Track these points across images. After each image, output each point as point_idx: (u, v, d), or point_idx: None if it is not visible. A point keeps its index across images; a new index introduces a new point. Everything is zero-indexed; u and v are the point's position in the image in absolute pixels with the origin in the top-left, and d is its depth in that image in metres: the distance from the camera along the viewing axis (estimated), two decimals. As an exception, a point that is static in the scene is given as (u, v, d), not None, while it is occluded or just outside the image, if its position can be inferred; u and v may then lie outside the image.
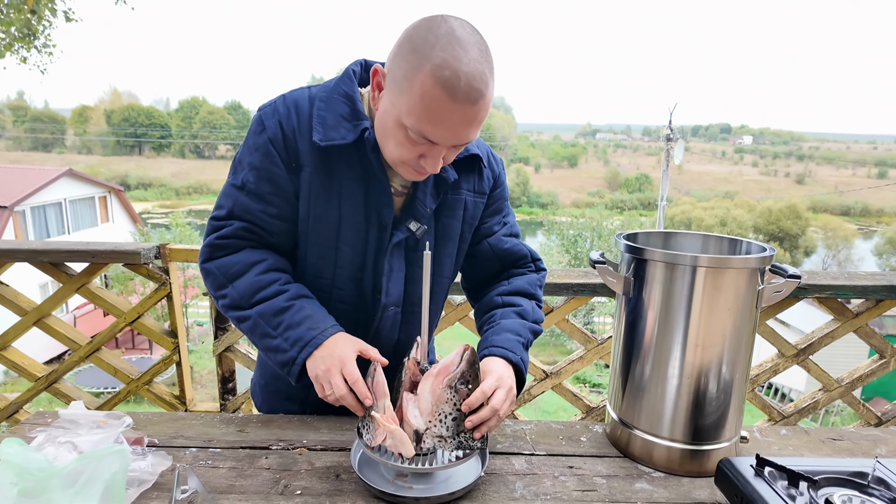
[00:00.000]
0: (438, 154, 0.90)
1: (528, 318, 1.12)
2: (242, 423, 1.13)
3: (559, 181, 71.95)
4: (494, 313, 1.12)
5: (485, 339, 1.08)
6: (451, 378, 0.89)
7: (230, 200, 1.00)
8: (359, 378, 0.92)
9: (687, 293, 0.95)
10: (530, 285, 1.17)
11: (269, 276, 1.00)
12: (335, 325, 1.00)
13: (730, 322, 0.95)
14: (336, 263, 1.03)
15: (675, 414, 0.99)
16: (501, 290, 1.16)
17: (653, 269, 0.98)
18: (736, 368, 0.98)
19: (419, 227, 1.02)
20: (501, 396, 0.93)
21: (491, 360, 1.01)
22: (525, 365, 1.05)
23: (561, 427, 1.14)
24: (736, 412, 1.00)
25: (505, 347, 1.03)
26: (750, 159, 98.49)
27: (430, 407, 0.89)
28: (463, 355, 0.90)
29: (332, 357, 0.94)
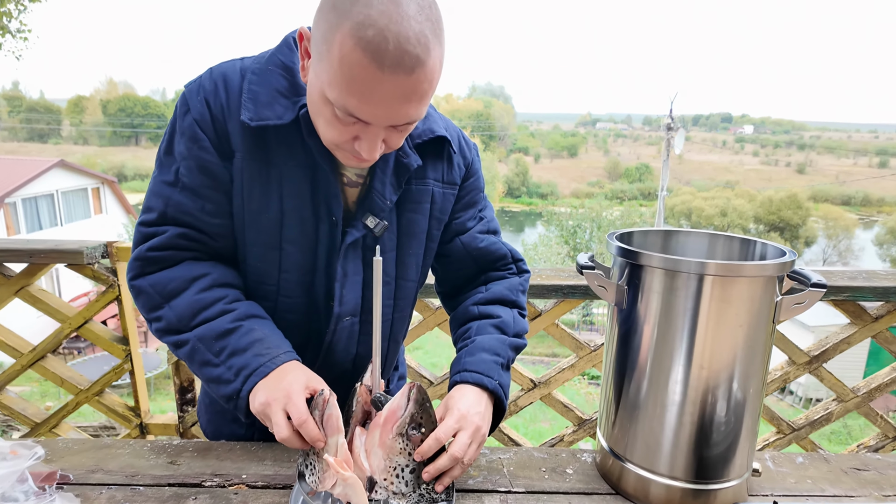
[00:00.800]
0: (374, 136, 0.74)
1: (509, 332, 0.97)
2: (176, 451, 0.98)
3: (559, 171, 71.62)
4: (469, 327, 0.97)
5: (457, 361, 0.93)
6: (399, 425, 0.75)
7: (161, 201, 0.84)
8: (307, 417, 0.76)
9: (691, 305, 0.80)
10: (511, 291, 1.02)
11: (213, 294, 0.85)
12: (289, 352, 0.84)
13: (741, 339, 0.80)
14: (281, 266, 0.88)
15: (676, 446, 0.84)
16: (478, 299, 1.00)
17: (650, 276, 0.83)
18: (748, 392, 0.83)
19: (378, 223, 0.87)
20: (464, 441, 0.78)
21: (460, 390, 0.86)
22: (504, 391, 0.90)
23: (544, 456, 0.99)
24: (747, 443, 0.85)
25: (479, 371, 0.88)
26: (751, 149, 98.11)
27: (383, 462, 0.74)
28: (409, 395, 0.75)
29: (276, 390, 0.79)
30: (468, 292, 1.04)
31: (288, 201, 0.84)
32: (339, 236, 0.87)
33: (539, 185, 62.42)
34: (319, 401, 0.77)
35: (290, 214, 0.85)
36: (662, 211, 19.35)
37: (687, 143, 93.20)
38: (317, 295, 0.91)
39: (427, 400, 0.77)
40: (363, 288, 0.91)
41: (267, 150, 0.82)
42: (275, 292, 0.90)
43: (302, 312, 0.92)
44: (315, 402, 0.77)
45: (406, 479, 0.74)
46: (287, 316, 0.91)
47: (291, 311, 0.91)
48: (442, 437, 0.78)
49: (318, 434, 0.75)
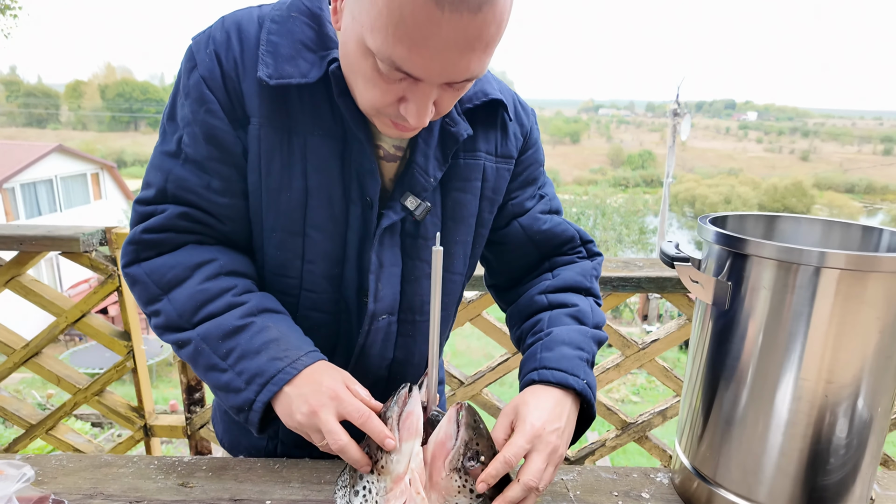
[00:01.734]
0: (425, 97, 0.60)
1: (589, 323, 0.82)
2: (188, 470, 0.85)
3: (561, 158, 71.18)
4: (540, 318, 0.82)
5: (531, 357, 0.78)
6: (453, 458, 0.61)
7: (160, 175, 0.70)
8: (370, 414, 0.63)
9: (810, 305, 0.65)
10: (584, 277, 0.87)
11: (220, 284, 0.71)
12: (313, 352, 0.71)
13: (873, 347, 0.66)
14: (304, 256, 0.74)
15: (781, 471, 0.70)
16: (545, 287, 0.86)
17: (758, 269, 0.68)
18: (876, 410, 0.69)
19: (419, 204, 0.72)
20: (539, 465, 0.65)
21: (536, 394, 0.72)
22: (593, 392, 0.75)
23: (613, 477, 0.86)
24: (869, 470, 0.71)
25: (561, 369, 0.73)
26: (754, 136, 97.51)
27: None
28: (459, 420, 0.62)
29: (319, 394, 0.65)
30: (530, 282, 0.90)
31: (314, 178, 0.70)
32: (373, 220, 0.73)
33: (541, 171, 62.03)
34: (401, 394, 0.63)
35: (315, 194, 0.71)
36: (668, 198, 19.16)
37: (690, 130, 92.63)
38: (347, 290, 0.77)
39: (480, 421, 0.63)
40: (402, 281, 0.77)
41: (289, 116, 0.68)
42: (297, 286, 0.76)
43: (329, 311, 0.78)
44: (395, 397, 0.63)
45: (472, 519, 0.61)
46: (312, 314, 0.77)
47: (317, 308, 0.77)
48: (511, 460, 0.64)
49: (387, 432, 0.62)
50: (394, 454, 0.62)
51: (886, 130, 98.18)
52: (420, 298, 0.79)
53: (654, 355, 1.42)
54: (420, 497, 0.57)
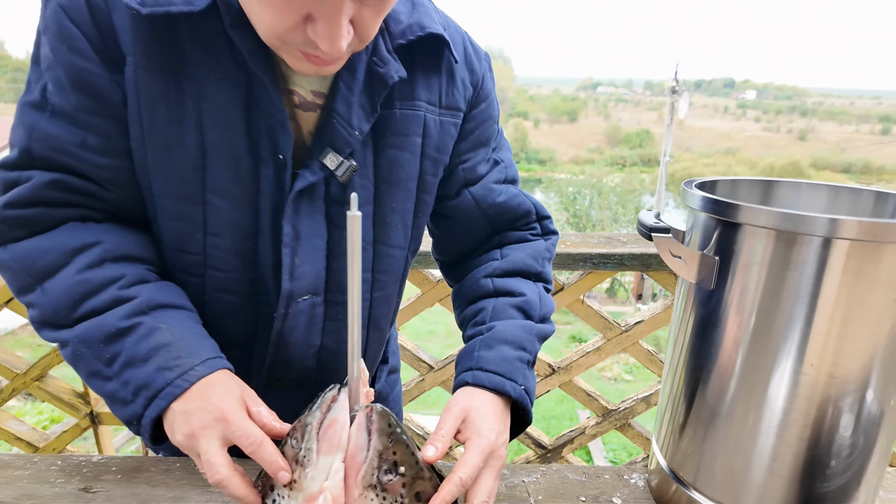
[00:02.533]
0: (336, 11, 0.48)
1: (535, 316, 0.71)
2: (94, 473, 0.74)
3: (558, 136, 70.61)
4: (483, 307, 0.72)
5: (468, 354, 0.68)
6: (364, 474, 0.50)
7: (23, 132, 0.57)
8: (262, 439, 0.52)
9: (812, 283, 0.54)
10: (535, 259, 0.76)
11: (103, 273, 0.59)
12: (211, 360, 0.59)
13: (886, 332, 0.55)
14: (206, 228, 0.61)
15: (773, 476, 0.60)
16: (493, 270, 0.75)
17: (752, 241, 0.57)
18: (887, 406, 0.58)
19: (341, 162, 0.60)
20: (491, 484, 0.56)
21: (475, 399, 0.62)
22: (530, 399, 0.65)
23: (581, 479, 0.76)
24: (876, 473, 0.61)
25: (499, 373, 0.64)
26: (752, 115, 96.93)
27: None
28: (369, 426, 0.51)
29: (202, 412, 0.54)
30: (477, 258, 0.78)
31: (212, 132, 0.57)
32: (286, 182, 0.60)
33: (538, 150, 61.56)
34: (326, 397, 0.52)
35: (214, 152, 0.58)
36: (664, 177, 18.97)
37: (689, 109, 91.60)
38: (263, 266, 0.65)
39: (396, 424, 0.52)
40: (328, 256, 0.65)
41: (175, 56, 0.55)
42: (201, 264, 0.63)
43: (243, 292, 0.66)
44: (319, 400, 0.52)
45: (397, 542, 0.50)
46: (222, 297, 0.65)
47: (228, 289, 0.65)
48: (468, 482, 0.54)
49: (281, 463, 0.51)
50: (309, 469, 0.51)
51: (885, 110, 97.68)
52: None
53: (638, 338, 1.31)
54: (330, 522, 0.46)
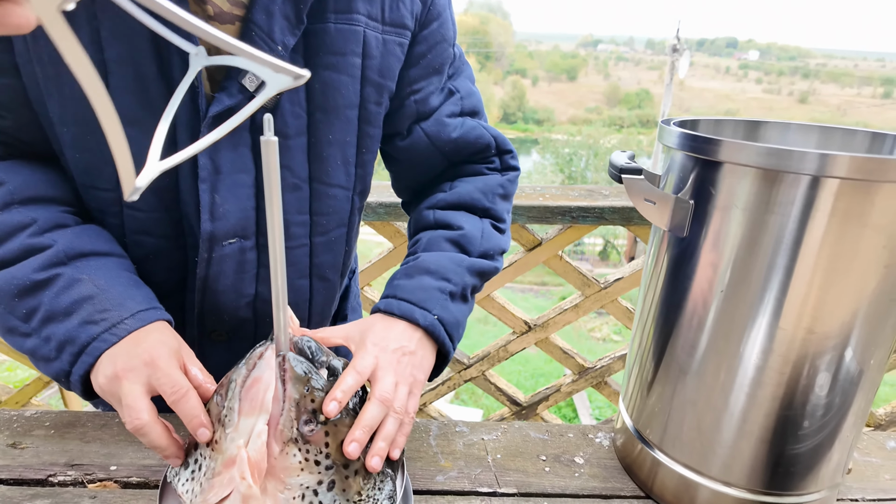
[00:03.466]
0: None
1: (473, 251, 0.66)
2: (25, 428, 0.69)
3: (557, 95, 69.31)
4: (419, 238, 0.68)
5: (389, 283, 0.64)
6: (283, 428, 0.46)
7: None
8: (187, 390, 0.48)
9: (795, 229, 0.49)
10: (485, 194, 0.70)
11: (11, 218, 0.53)
12: (146, 311, 0.53)
13: (874, 285, 0.49)
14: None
15: (742, 438, 0.56)
16: (437, 201, 0.70)
17: (732, 180, 0.51)
18: (867, 365, 0.54)
19: (261, 83, 0.53)
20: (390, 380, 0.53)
21: (384, 319, 0.59)
22: (448, 329, 0.61)
23: (544, 437, 0.72)
24: (852, 431, 0.57)
25: (413, 301, 0.60)
26: (754, 76, 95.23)
27: (284, 499, 0.46)
28: (283, 377, 0.46)
29: (129, 355, 0.49)
30: (430, 191, 0.73)
31: (111, 47, 0.50)
32: (202, 107, 0.53)
33: (536, 110, 60.49)
34: (254, 354, 0.47)
35: (117, 70, 0.51)
36: (661, 138, 18.68)
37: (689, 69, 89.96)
38: (185, 206, 0.58)
39: (313, 371, 0.48)
40: (256, 195, 0.58)
41: None
42: (115, 201, 0.57)
43: (166, 234, 0.60)
44: (248, 357, 0.47)
45: (324, 502, 0.46)
46: (144, 240, 0.59)
47: (148, 231, 0.59)
48: (364, 371, 0.52)
49: (203, 419, 0.47)
50: (230, 430, 0.46)
51: (888, 72, 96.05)
52: (284, 218, 0.61)
53: (617, 295, 1.27)
54: (245, 484, 0.42)
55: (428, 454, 0.68)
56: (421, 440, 0.70)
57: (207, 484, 0.45)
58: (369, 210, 1.16)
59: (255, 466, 0.44)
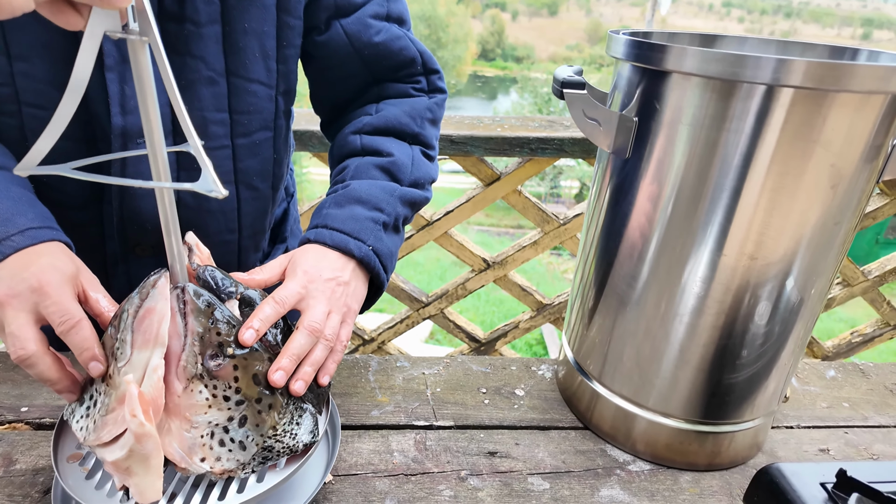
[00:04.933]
0: None
1: (403, 179, 0.63)
2: (-72, 369, 0.64)
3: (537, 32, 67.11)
4: (346, 166, 0.63)
5: (317, 212, 0.60)
6: (186, 364, 0.42)
7: None
8: (79, 318, 0.43)
9: (745, 146, 0.45)
10: (413, 118, 0.66)
11: None
12: (38, 229, 0.48)
13: (818, 208, 0.46)
14: (9, 50, 0.49)
15: (679, 367, 0.55)
16: (363, 125, 0.64)
17: (680, 92, 0.47)
18: (808, 294, 0.52)
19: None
20: (321, 310, 0.50)
21: (315, 249, 0.55)
22: (383, 261, 0.58)
23: (485, 370, 0.70)
24: (790, 359, 0.56)
25: (346, 231, 0.56)
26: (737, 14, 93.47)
27: (186, 437, 0.43)
28: (183, 310, 0.42)
29: (16, 279, 0.44)
30: (352, 112, 0.68)
31: None
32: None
33: (515, 46, 58.59)
34: (148, 282, 0.43)
35: None
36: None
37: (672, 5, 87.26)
38: (93, 103, 0.52)
39: (216, 303, 0.44)
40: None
41: None
42: (12, 99, 0.51)
43: (74, 136, 0.53)
44: (143, 284, 0.43)
45: (235, 438, 0.43)
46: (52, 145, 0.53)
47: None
48: (285, 300, 0.49)
49: (97, 352, 0.43)
50: (122, 364, 0.42)
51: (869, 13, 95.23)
52: (200, 115, 0.55)
53: (577, 231, 1.24)
54: (136, 422, 0.38)
55: (365, 389, 0.65)
56: (359, 376, 0.68)
57: (101, 421, 0.42)
58: (316, 141, 1.09)
59: (151, 403, 0.40)
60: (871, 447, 0.61)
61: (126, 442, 0.40)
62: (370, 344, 1.40)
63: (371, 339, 1.39)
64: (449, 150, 1.09)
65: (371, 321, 1.91)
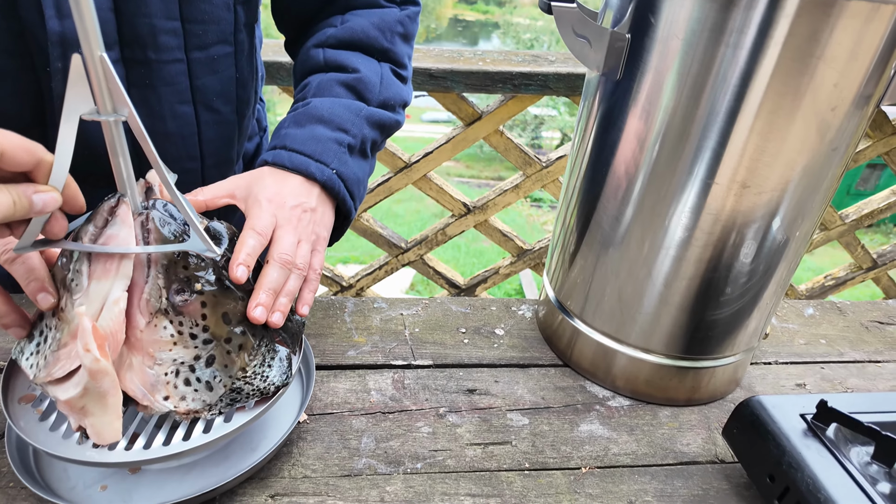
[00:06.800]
0: None
1: (371, 99, 0.58)
2: None
3: (519, -25, 64.49)
4: (307, 83, 0.59)
5: (276, 132, 0.56)
6: (149, 297, 0.39)
7: None
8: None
9: (744, 65, 0.42)
10: (382, 32, 0.61)
11: None
12: None
13: (814, 132, 0.44)
14: None
15: (662, 303, 0.53)
16: (327, 38, 0.60)
17: (676, 5, 0.43)
18: (796, 230, 0.50)
19: None
20: (290, 239, 0.48)
21: (275, 173, 0.52)
22: (348, 183, 0.55)
23: (465, 310, 0.68)
24: (772, 299, 0.55)
25: (306, 153, 0.52)
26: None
27: (149, 374, 0.40)
28: (146, 238, 0.39)
29: None
30: (316, 25, 0.62)
31: None
32: None
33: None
34: (103, 207, 0.39)
35: None
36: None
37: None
38: (25, 10, 0.46)
39: (184, 230, 0.41)
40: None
41: None
42: None
43: (8, 51, 0.48)
44: (97, 210, 0.39)
45: (202, 378, 0.40)
46: None
47: None
48: (264, 230, 0.46)
49: (47, 285, 0.39)
50: (78, 296, 0.38)
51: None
52: (148, 23, 0.50)
53: (559, 174, 1.21)
54: (90, 357, 0.35)
55: (341, 330, 0.63)
56: (335, 317, 0.65)
57: (52, 357, 0.39)
58: (285, 73, 1.02)
59: (108, 338, 0.37)
60: (845, 381, 0.62)
61: (80, 379, 0.37)
62: (348, 290, 1.37)
63: (349, 285, 1.36)
64: (427, 86, 1.03)
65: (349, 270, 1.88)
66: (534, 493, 0.46)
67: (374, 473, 0.47)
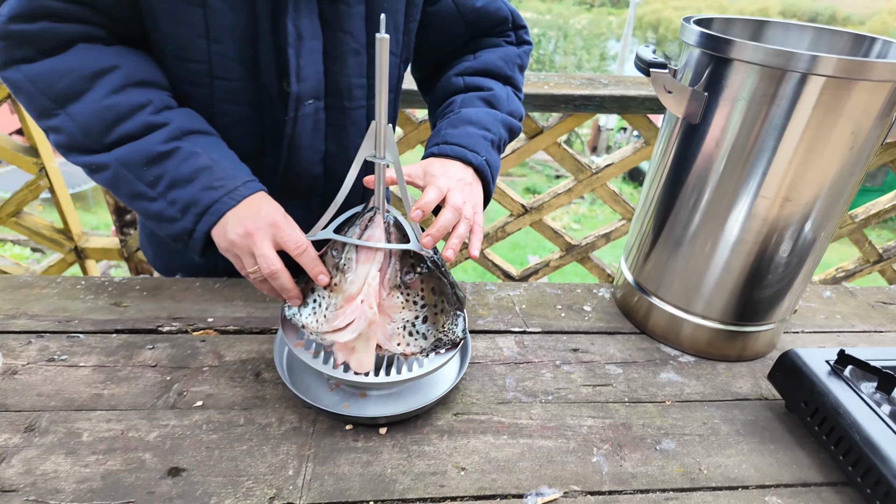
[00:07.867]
0: None
1: (502, 108, 0.77)
2: (120, 291, 0.80)
3: (525, -30, 64.22)
4: (453, 101, 0.77)
5: (435, 134, 0.74)
6: (391, 277, 0.59)
7: None
8: (307, 247, 0.59)
9: (785, 118, 0.61)
10: (506, 63, 0.80)
11: (130, 98, 0.60)
12: (251, 182, 0.63)
13: (838, 163, 0.63)
14: (209, 34, 0.62)
15: (720, 285, 0.72)
16: (464, 68, 0.79)
17: (740, 76, 0.62)
18: (821, 232, 0.69)
19: None
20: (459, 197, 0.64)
21: (439, 162, 0.68)
22: (492, 170, 0.73)
23: (557, 292, 0.88)
24: (801, 284, 0.74)
25: (462, 145, 0.70)
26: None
27: (387, 328, 0.60)
28: (389, 239, 0.58)
29: (255, 217, 0.60)
30: (451, 63, 0.82)
31: None
32: None
33: (503, -15, 56.18)
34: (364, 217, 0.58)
35: None
36: (633, 20, 18.05)
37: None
38: (265, 75, 0.66)
39: (409, 233, 0.60)
40: (325, 59, 0.67)
41: None
42: (207, 73, 0.64)
43: (249, 102, 0.68)
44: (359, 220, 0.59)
45: (421, 331, 0.60)
46: (229, 108, 0.67)
47: (234, 100, 0.67)
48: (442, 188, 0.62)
49: (321, 267, 0.59)
50: (349, 274, 0.58)
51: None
52: (347, 80, 0.70)
53: (606, 180, 1.40)
54: (373, 312, 0.55)
55: (468, 306, 0.83)
56: (458, 296, 0.84)
57: (332, 314, 0.58)
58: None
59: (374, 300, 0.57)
60: (856, 345, 0.81)
61: (357, 327, 0.56)
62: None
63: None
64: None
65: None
66: (635, 416, 0.66)
67: (519, 402, 0.66)
